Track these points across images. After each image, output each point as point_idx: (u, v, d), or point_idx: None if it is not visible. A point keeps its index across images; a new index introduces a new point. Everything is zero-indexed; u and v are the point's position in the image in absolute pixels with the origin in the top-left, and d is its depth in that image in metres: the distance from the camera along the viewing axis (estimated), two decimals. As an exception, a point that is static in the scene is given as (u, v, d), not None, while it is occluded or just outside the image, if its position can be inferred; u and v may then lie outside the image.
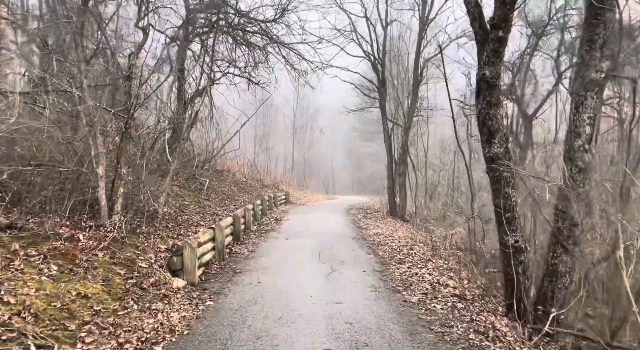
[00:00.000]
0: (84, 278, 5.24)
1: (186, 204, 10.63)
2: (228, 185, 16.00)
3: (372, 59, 18.60)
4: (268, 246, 10.12)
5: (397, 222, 17.20)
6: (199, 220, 9.73)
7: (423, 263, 8.68)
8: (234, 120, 19.38)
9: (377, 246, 10.47)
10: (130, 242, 6.69)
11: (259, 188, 20.56)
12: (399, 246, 10.45)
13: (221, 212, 11.57)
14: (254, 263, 8.35)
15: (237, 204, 13.91)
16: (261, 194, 18.61)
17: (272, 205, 18.21)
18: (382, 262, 8.62)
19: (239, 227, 10.63)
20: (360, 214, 18.47)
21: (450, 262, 9.58)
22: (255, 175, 23.16)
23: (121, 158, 7.42)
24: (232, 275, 7.43)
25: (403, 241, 11.23)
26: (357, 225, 14.66)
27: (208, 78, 16.34)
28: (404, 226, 15.66)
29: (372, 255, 9.38)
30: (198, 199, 11.86)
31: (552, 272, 6.09)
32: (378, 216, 17.99)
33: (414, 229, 15.03)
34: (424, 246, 11.10)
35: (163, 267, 6.48)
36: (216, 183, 15.06)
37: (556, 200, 6.18)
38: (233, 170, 20.81)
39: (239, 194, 15.88)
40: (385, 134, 19.14)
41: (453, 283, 7.19)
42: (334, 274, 7.54)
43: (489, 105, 5.58)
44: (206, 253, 7.80)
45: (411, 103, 18.01)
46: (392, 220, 17.44)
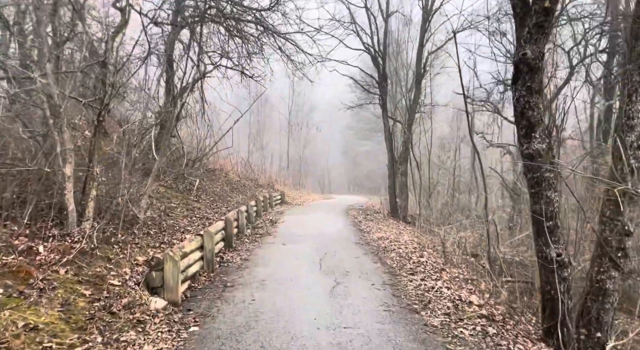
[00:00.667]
0: (37, 303, 4.26)
1: (173, 207, 9.63)
2: (220, 185, 15.00)
3: (373, 52, 17.65)
4: (263, 253, 9.16)
5: (400, 224, 16.30)
6: (186, 225, 8.74)
7: (437, 273, 7.76)
8: (226, 116, 18.38)
9: (383, 253, 9.54)
10: (101, 254, 5.70)
11: (253, 188, 19.57)
12: (407, 253, 9.52)
13: (212, 215, 10.59)
14: (247, 274, 7.38)
15: (229, 205, 12.92)
16: (255, 195, 17.62)
17: (267, 206, 17.24)
18: (391, 273, 7.69)
19: (231, 232, 9.66)
20: (360, 215, 17.55)
21: (465, 271, 8.68)
22: (250, 174, 22.16)
23: (94, 155, 6.42)
24: (222, 290, 6.46)
25: (410, 247, 10.31)
26: (359, 227, 13.73)
27: (198, 70, 15.34)
28: (407, 229, 14.76)
29: (379, 263, 8.45)
30: (187, 200, 10.87)
31: (597, 289, 5.18)
32: (379, 218, 17.08)
33: (418, 232, 14.13)
34: (433, 252, 10.19)
35: (140, 284, 5.49)
36: (207, 183, 14.06)
37: (602, 206, 5.27)
38: (226, 169, 19.81)
39: (232, 195, 14.89)
40: (385, 131, 18.22)
41: (476, 299, 6.28)
42: (338, 288, 6.59)
43: (530, 92, 4.65)
44: (192, 264, 6.82)
45: (413, 98, 17.09)
46: (394, 222, 16.54)
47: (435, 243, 12.11)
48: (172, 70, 14.62)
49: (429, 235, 14.10)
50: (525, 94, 4.68)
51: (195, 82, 15.24)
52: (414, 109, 17.09)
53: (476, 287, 7.40)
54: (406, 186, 17.68)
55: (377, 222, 15.22)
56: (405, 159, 17.58)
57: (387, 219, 16.86)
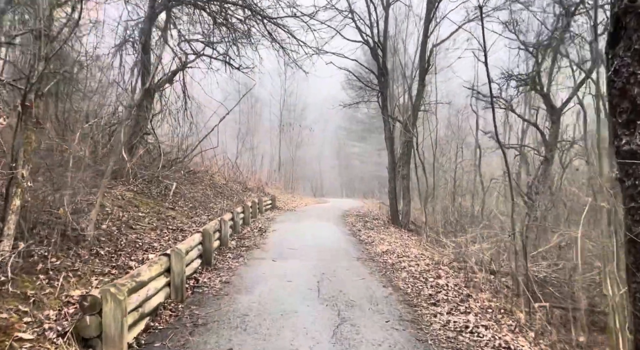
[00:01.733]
0: None
1: (139, 217, 8.00)
2: (203, 189, 13.38)
3: (372, 43, 16.16)
4: (249, 273, 7.57)
5: (403, 232, 14.80)
6: (153, 240, 7.13)
7: (464, 303, 6.24)
8: (212, 113, 16.78)
9: (392, 272, 8.01)
10: (17, 289, 4.08)
11: (241, 192, 17.95)
12: (421, 272, 8.00)
13: (189, 226, 8.98)
14: (226, 306, 5.78)
15: (212, 213, 11.31)
16: (243, 200, 16.01)
17: (256, 212, 15.64)
18: (408, 303, 6.15)
19: (211, 247, 8.04)
20: (359, 222, 16.02)
21: (493, 296, 7.17)
22: (238, 177, 20.53)
23: (19, 153, 4.81)
24: (190, 333, 4.86)
25: (422, 264, 8.79)
26: (358, 237, 12.19)
27: (179, 60, 13.72)
28: (412, 239, 13.25)
29: (390, 288, 6.90)
30: (159, 208, 9.25)
31: None
32: (379, 225, 15.57)
33: (425, 243, 12.62)
34: (449, 269, 8.68)
35: (67, 336, 3.87)
36: (188, 187, 12.43)
37: None
38: (211, 171, 18.18)
39: (216, 200, 13.27)
40: (386, 129, 16.74)
41: (527, 345, 4.76)
42: (344, 328, 5.03)
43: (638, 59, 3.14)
44: (153, 296, 5.21)
45: (417, 94, 15.62)
46: (396, 230, 15.03)
47: (447, 257, 10.62)
48: (148, 60, 12.98)
49: (437, 247, 12.62)
50: (629, 61, 3.16)
51: (174, 73, 13.62)
52: (417, 106, 15.62)
53: (515, 321, 5.89)
54: (408, 190, 16.20)
55: (378, 231, 13.70)
56: (407, 160, 16.09)
57: (388, 227, 15.36)
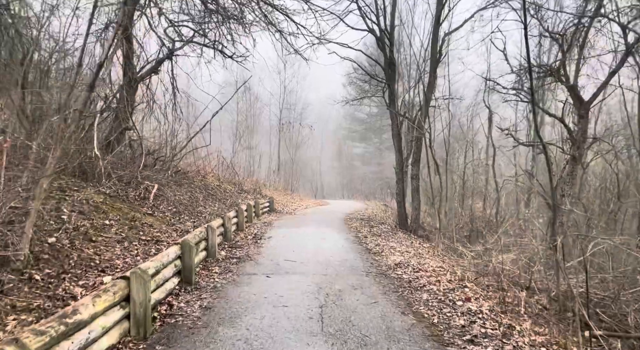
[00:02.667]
0: None
1: (105, 226, 6.63)
2: (191, 191, 12.02)
3: (378, 32, 14.83)
4: (237, 295, 6.21)
5: (413, 239, 13.45)
6: (116, 256, 5.77)
7: (508, 339, 4.87)
8: (206, 109, 15.45)
9: (410, 292, 6.65)
10: None
11: (236, 194, 16.60)
12: (445, 292, 6.64)
13: (167, 236, 7.63)
14: (202, 346, 4.43)
15: (199, 218, 9.96)
16: (238, 202, 14.66)
17: (251, 216, 14.29)
18: (437, 339, 4.78)
19: (192, 262, 6.68)
20: (364, 226, 14.66)
21: (533, 321, 5.81)
22: (233, 178, 19.18)
23: None
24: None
25: (444, 280, 7.43)
26: (365, 246, 10.84)
27: (167, 48, 12.40)
28: (424, 247, 11.90)
29: (411, 315, 5.54)
30: (134, 214, 7.89)
31: None
32: (386, 230, 14.21)
33: (440, 252, 11.27)
34: (478, 288, 7.31)
35: None
36: (174, 189, 11.08)
37: None
38: (205, 171, 16.84)
39: (206, 204, 11.91)
40: (393, 126, 15.39)
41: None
42: (359, 384, 3.67)
43: None
44: (98, 339, 3.86)
45: (428, 86, 14.27)
46: (405, 236, 13.68)
47: (469, 270, 9.28)
48: (130, 48, 11.64)
49: (454, 256, 11.28)
50: None
51: (160, 62, 12.29)
52: (428, 100, 14.25)
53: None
54: (418, 192, 14.84)
55: (387, 238, 12.34)
56: (417, 159, 14.74)
57: (396, 233, 14.00)
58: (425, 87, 14.14)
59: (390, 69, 15.00)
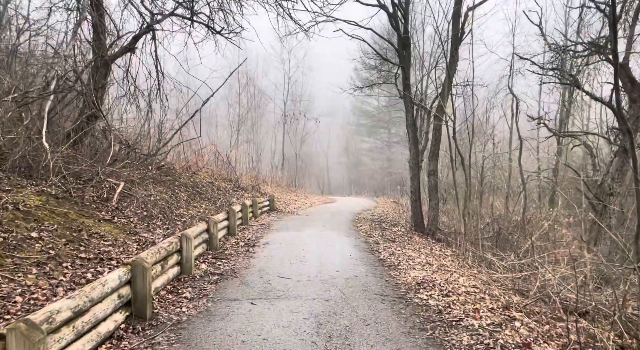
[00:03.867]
0: None
1: (28, 240, 4.93)
2: (174, 190, 10.33)
3: (391, 8, 12.97)
4: (204, 338, 4.49)
5: (431, 244, 11.67)
6: (25, 286, 4.08)
7: None
8: (193, 94, 13.72)
9: (443, 330, 4.88)
10: None
11: (231, 192, 14.91)
12: (491, 330, 4.86)
13: (123, 251, 5.93)
14: None
15: (176, 224, 8.27)
16: (231, 202, 12.97)
17: (247, 217, 12.59)
18: None
19: (146, 289, 4.93)
20: (374, 229, 12.90)
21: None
22: (230, 174, 17.48)
23: None
24: None
25: (484, 308, 5.65)
26: (378, 255, 9.09)
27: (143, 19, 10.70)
28: (446, 254, 10.11)
29: (452, 376, 3.80)
30: (85, 220, 6.20)
31: None
32: (400, 234, 12.44)
33: (465, 261, 9.48)
34: (526, 317, 5.53)
35: None
36: (150, 187, 9.39)
37: None
38: (198, 166, 15.17)
39: (191, 205, 10.22)
40: (408, 116, 13.56)
41: None
42: None
43: None
44: None
45: (448, 69, 12.38)
46: (421, 240, 11.91)
47: (508, 287, 7.51)
48: (102, 21, 9.94)
49: (483, 267, 9.49)
50: None
51: (137, 38, 10.57)
52: (449, 86, 12.37)
53: None
54: (436, 190, 13.02)
55: (402, 244, 10.56)
56: (436, 153, 12.90)
57: (411, 236, 12.22)
58: (448, 65, 12.22)
59: (405, 50, 13.15)
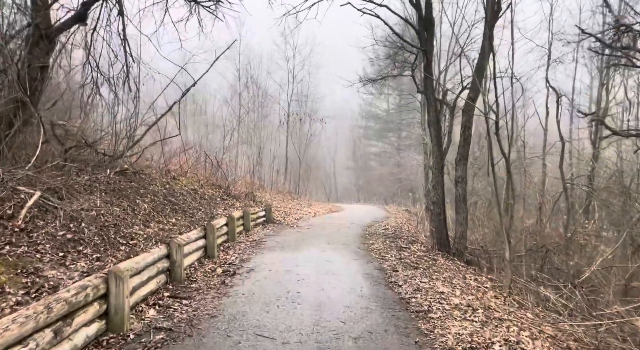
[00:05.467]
0: None
1: None
2: (131, 200, 8.06)
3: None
4: None
5: (462, 268, 9.31)
6: None
7: None
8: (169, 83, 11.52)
9: None
10: None
11: (218, 201, 12.66)
12: None
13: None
14: None
15: (118, 250, 6.00)
16: (214, 215, 10.71)
17: (233, 233, 10.32)
18: None
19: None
20: (390, 249, 10.54)
21: None
22: (220, 180, 15.23)
23: None
24: None
25: None
26: (399, 293, 6.73)
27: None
28: (485, 286, 7.73)
29: None
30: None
31: None
32: (421, 254, 10.08)
33: (509, 292, 7.09)
34: None
35: None
36: (95, 198, 7.14)
37: None
38: (182, 170, 12.95)
39: (154, 220, 7.94)
40: (430, 111, 11.23)
41: None
42: None
43: None
44: None
45: (481, 52, 10.04)
46: (447, 264, 9.55)
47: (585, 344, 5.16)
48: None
49: (537, 304, 7.12)
50: None
51: (88, 4, 8.42)
52: (481, 73, 10.02)
53: None
54: (464, 201, 10.64)
55: (427, 272, 8.19)
56: (465, 155, 10.54)
57: (435, 258, 9.85)
58: (485, 44, 9.86)
59: (427, 31, 10.85)
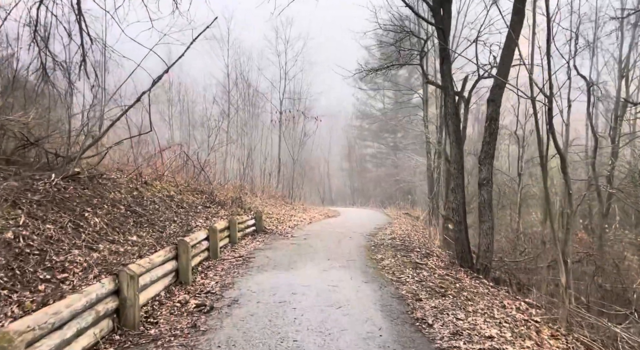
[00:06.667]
0: None
1: None
2: (77, 214, 6.23)
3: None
4: None
5: (493, 290, 7.62)
6: None
7: None
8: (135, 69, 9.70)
9: None
10: None
11: (199, 209, 10.86)
12: None
13: None
14: None
15: (36, 291, 4.22)
16: (190, 228, 8.90)
17: (216, 248, 8.55)
18: None
19: None
20: (404, 266, 8.79)
21: None
22: (204, 184, 13.39)
23: None
24: None
25: None
26: (433, 340, 4.98)
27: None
28: (533, 320, 6.03)
29: None
30: None
31: None
32: (442, 271, 8.37)
33: (568, 329, 5.40)
34: None
35: None
36: (28, 212, 5.33)
37: None
38: (158, 174, 11.14)
39: (104, 239, 6.12)
40: (446, 102, 9.54)
41: None
42: None
43: None
44: None
45: (513, 15, 8.36)
46: (474, 284, 7.86)
47: None
48: None
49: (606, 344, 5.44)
50: None
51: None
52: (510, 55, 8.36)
53: None
54: (490, 207, 8.95)
55: (459, 301, 6.46)
56: (491, 153, 8.85)
57: (458, 277, 8.14)
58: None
59: (443, 7, 9.17)
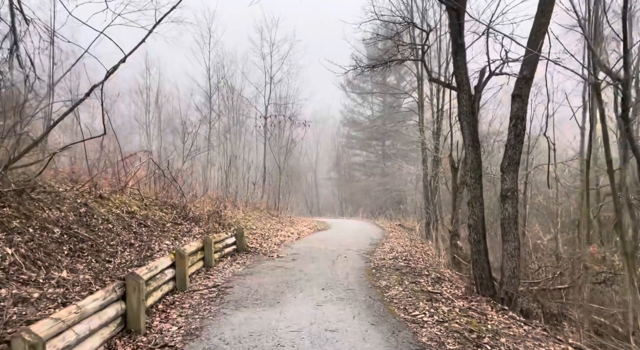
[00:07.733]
0: None
1: None
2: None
3: None
4: None
5: (528, 328, 6.09)
6: None
7: None
8: (83, 53, 8.04)
9: None
10: None
11: (168, 227, 9.14)
12: None
13: None
14: None
15: None
16: (151, 254, 7.20)
17: (184, 277, 6.86)
18: None
19: None
20: (415, 297, 7.22)
21: None
22: (176, 197, 11.65)
23: None
24: None
25: None
26: None
27: None
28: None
29: None
30: None
31: None
32: (461, 303, 6.83)
33: None
34: None
35: None
36: None
37: None
38: (121, 186, 9.44)
39: (20, 279, 4.44)
40: (461, 100, 8.09)
41: None
42: None
43: None
44: None
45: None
46: (502, 319, 6.33)
47: None
48: None
49: None
50: None
51: None
52: (546, 16, 6.91)
53: None
54: (516, 224, 7.45)
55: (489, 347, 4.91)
56: (516, 159, 7.38)
57: (483, 312, 6.60)
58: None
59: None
